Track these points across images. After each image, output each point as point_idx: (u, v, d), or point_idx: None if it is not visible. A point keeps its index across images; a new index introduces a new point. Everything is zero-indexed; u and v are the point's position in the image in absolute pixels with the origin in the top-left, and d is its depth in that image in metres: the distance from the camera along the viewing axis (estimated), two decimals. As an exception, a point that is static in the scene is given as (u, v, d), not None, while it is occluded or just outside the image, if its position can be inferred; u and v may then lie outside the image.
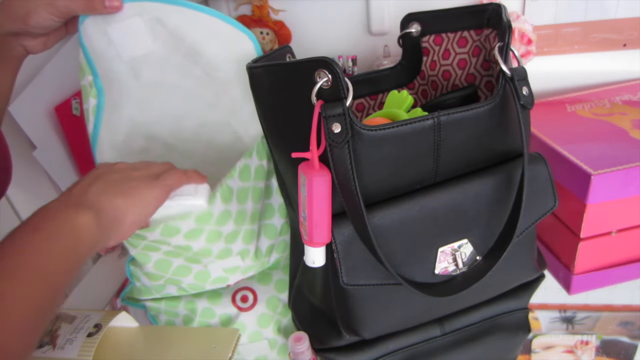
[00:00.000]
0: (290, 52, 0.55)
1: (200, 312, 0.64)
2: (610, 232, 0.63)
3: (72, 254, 0.38)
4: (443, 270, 0.49)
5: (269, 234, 0.62)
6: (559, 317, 0.98)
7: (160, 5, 0.53)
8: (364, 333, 0.51)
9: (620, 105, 0.73)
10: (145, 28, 0.53)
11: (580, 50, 0.80)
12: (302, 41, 0.86)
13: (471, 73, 0.56)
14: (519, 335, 0.61)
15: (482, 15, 0.52)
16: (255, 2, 0.82)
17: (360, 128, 0.42)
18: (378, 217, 0.46)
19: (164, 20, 0.53)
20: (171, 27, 0.54)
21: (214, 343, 0.55)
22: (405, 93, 0.51)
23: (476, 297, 0.56)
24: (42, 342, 0.57)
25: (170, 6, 0.53)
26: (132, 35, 0.53)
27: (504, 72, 0.46)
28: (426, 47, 0.59)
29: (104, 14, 0.51)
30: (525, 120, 0.47)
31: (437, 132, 0.45)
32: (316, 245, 0.45)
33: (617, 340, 0.99)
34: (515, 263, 0.54)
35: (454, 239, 0.49)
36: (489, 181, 0.49)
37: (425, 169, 0.47)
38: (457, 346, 0.57)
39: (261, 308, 0.64)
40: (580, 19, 0.78)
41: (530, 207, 0.50)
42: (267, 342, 0.66)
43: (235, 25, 0.55)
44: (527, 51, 0.76)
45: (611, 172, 0.57)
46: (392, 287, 0.48)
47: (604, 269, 0.65)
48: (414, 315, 0.53)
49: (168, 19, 0.53)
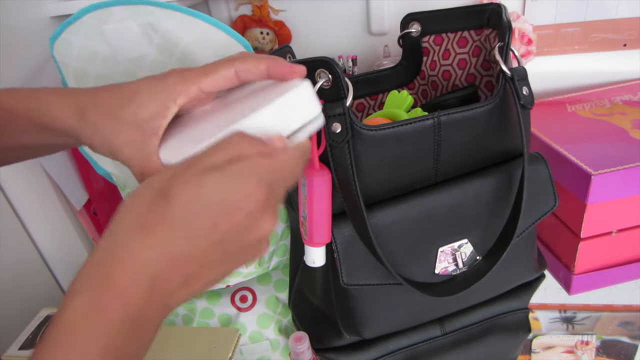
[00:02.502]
0: (291, 52, 0.55)
1: (200, 312, 0.64)
2: (610, 232, 0.63)
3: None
4: (443, 270, 0.49)
5: (271, 241, 0.62)
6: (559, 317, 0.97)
7: (152, 8, 0.52)
8: (364, 333, 0.51)
9: (621, 105, 0.73)
10: (139, 32, 0.53)
11: (580, 50, 0.80)
12: (302, 41, 0.86)
13: (471, 73, 0.56)
14: (519, 335, 0.61)
15: (482, 15, 0.52)
16: (255, 2, 0.82)
17: (360, 128, 0.42)
18: (378, 217, 0.46)
19: (156, 25, 0.53)
20: (163, 32, 0.53)
21: (214, 343, 0.55)
22: (405, 93, 0.51)
23: (476, 297, 0.56)
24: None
25: (163, 10, 0.53)
26: (128, 37, 0.53)
27: (504, 72, 0.46)
28: (426, 47, 0.59)
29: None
30: (525, 120, 0.47)
31: (437, 132, 0.45)
32: (316, 245, 0.45)
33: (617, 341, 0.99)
34: (515, 263, 0.54)
35: (454, 238, 0.49)
36: (489, 181, 0.49)
37: (425, 169, 0.47)
38: (458, 346, 0.57)
39: (260, 308, 0.64)
40: (580, 19, 0.78)
41: (531, 207, 0.50)
42: (269, 342, 0.66)
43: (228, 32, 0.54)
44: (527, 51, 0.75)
45: (611, 172, 0.57)
46: (392, 287, 0.48)
47: (604, 269, 0.65)
48: (414, 315, 0.53)
49: (160, 24, 0.53)
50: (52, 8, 0.71)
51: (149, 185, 0.29)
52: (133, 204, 0.29)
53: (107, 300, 0.26)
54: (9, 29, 0.65)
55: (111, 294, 0.26)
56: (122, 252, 0.27)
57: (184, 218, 0.27)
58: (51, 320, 0.26)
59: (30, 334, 0.59)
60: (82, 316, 0.25)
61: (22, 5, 0.67)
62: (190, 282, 0.28)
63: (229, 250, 0.29)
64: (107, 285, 0.26)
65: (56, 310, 0.26)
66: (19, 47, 0.66)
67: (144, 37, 0.53)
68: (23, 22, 0.67)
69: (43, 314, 0.62)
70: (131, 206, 0.28)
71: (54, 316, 0.26)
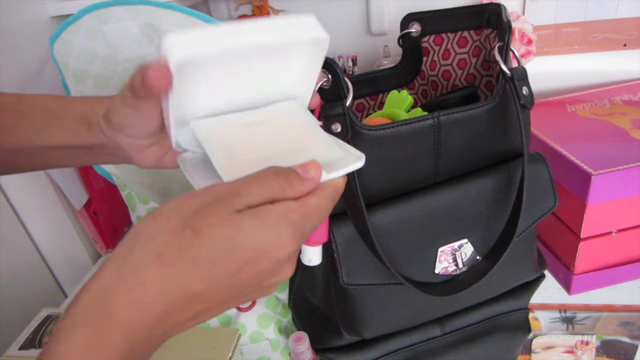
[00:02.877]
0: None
1: (200, 312, 0.64)
2: (610, 232, 0.63)
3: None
4: (443, 270, 0.49)
5: None
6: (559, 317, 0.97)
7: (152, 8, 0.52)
8: (364, 333, 0.51)
9: (621, 105, 0.73)
10: (139, 32, 0.53)
11: (580, 50, 0.80)
12: (302, 41, 0.86)
13: (471, 73, 0.56)
14: (519, 335, 0.61)
15: (482, 15, 0.52)
16: (255, 2, 0.82)
17: (360, 128, 0.42)
18: (378, 217, 0.46)
19: (155, 25, 0.53)
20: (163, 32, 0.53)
21: (214, 343, 0.55)
22: (405, 93, 0.52)
23: (476, 297, 0.56)
24: (43, 343, 0.57)
25: (163, 10, 0.53)
26: (128, 37, 0.53)
27: (504, 72, 0.46)
28: (426, 47, 0.59)
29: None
30: (525, 120, 0.47)
31: (437, 132, 0.45)
32: (314, 244, 0.45)
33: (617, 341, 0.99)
34: (515, 263, 0.54)
35: (454, 238, 0.49)
36: (489, 181, 0.49)
37: (425, 169, 0.47)
38: (458, 346, 0.57)
39: (260, 308, 0.64)
40: (580, 19, 0.78)
41: (531, 207, 0.50)
42: (269, 342, 0.66)
43: None
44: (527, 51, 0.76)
45: (611, 172, 0.57)
46: (392, 286, 0.48)
47: (604, 269, 0.65)
48: (414, 315, 0.53)
49: (159, 24, 0.53)
50: (52, 8, 0.71)
51: (175, 211, 0.27)
52: (155, 228, 0.26)
53: (109, 335, 0.24)
54: (9, 29, 0.65)
55: (114, 327, 0.24)
56: (132, 282, 0.25)
57: (210, 257, 0.26)
58: (46, 346, 0.24)
59: (30, 334, 0.59)
60: (81, 350, 0.24)
61: (22, 5, 0.67)
62: (198, 317, 0.27)
63: (244, 292, 0.28)
64: (111, 317, 0.24)
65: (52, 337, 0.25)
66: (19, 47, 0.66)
67: (144, 37, 0.53)
68: (23, 22, 0.67)
69: (43, 314, 0.62)
70: (152, 230, 0.26)
71: (50, 343, 0.24)
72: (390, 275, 0.45)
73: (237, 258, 0.26)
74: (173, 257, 0.25)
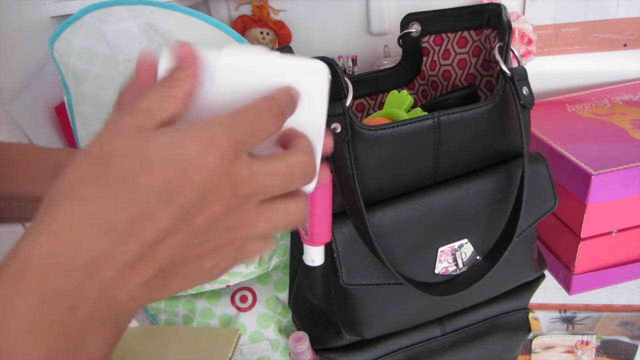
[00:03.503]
0: (290, 52, 0.55)
1: (200, 312, 0.64)
2: (610, 232, 0.63)
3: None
4: (443, 270, 0.49)
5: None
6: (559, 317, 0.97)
7: (152, 8, 0.52)
8: (364, 333, 0.51)
9: (621, 105, 0.73)
10: (139, 32, 0.53)
11: (580, 50, 0.80)
12: (302, 41, 0.86)
13: (471, 73, 0.56)
14: (519, 335, 0.61)
15: (482, 15, 0.52)
16: (255, 2, 0.82)
17: (360, 128, 0.42)
18: (378, 217, 0.46)
19: (156, 25, 0.53)
20: (163, 32, 0.53)
21: (214, 343, 0.55)
22: (405, 93, 0.52)
23: (476, 297, 0.56)
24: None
25: (163, 10, 0.53)
26: (128, 37, 0.53)
27: (504, 72, 0.46)
28: (426, 47, 0.59)
29: None
30: (525, 120, 0.47)
31: (437, 132, 0.45)
32: (317, 244, 0.45)
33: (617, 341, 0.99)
34: (515, 263, 0.54)
35: (454, 238, 0.49)
36: (489, 181, 0.49)
37: (425, 169, 0.47)
38: (458, 346, 0.57)
39: (260, 308, 0.64)
40: (580, 19, 0.78)
41: (531, 207, 0.50)
42: (269, 342, 0.66)
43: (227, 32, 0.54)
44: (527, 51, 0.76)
45: (611, 172, 0.57)
46: (392, 287, 0.48)
47: (604, 269, 0.65)
48: (414, 315, 0.53)
49: (160, 24, 0.53)
50: (52, 8, 0.71)
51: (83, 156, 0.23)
52: (64, 176, 0.22)
53: (18, 299, 0.19)
54: (9, 29, 0.65)
55: (24, 288, 0.20)
56: (44, 236, 0.21)
57: (123, 175, 0.21)
58: None
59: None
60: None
61: (22, 5, 0.67)
62: (142, 268, 0.21)
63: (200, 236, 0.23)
64: (22, 276, 0.20)
65: None
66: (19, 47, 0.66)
67: (144, 37, 0.53)
68: (23, 22, 0.67)
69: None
70: (62, 180, 0.22)
71: None
72: (390, 275, 0.45)
73: (158, 172, 0.21)
74: (83, 189, 0.21)
